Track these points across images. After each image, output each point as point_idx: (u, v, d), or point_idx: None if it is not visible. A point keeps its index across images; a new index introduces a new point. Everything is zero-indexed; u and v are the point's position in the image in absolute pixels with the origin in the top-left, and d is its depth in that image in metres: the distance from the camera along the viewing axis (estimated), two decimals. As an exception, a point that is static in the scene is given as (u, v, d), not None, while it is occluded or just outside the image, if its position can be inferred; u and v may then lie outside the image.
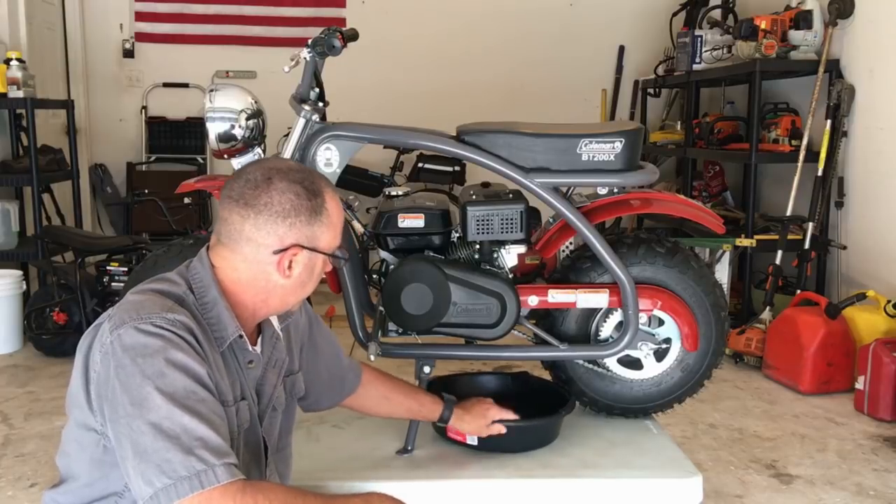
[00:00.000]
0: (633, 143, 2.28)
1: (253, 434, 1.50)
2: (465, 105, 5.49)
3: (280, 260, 1.42)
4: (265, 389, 1.53)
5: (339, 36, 2.31)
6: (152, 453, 1.22)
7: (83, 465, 1.40)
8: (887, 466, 3.01)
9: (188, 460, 1.21)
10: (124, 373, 1.26)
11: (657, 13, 6.22)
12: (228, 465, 1.24)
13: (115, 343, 1.29)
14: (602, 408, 2.47)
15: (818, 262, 4.54)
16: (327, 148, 2.31)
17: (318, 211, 1.43)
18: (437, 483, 2.08)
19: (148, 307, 1.32)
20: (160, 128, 6.20)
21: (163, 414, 1.23)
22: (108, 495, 1.38)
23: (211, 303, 1.41)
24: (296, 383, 1.67)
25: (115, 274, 4.19)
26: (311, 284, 1.49)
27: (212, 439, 1.24)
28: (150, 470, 1.22)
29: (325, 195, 1.45)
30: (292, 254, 1.42)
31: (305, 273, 1.46)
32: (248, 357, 1.47)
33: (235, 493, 1.23)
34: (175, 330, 1.30)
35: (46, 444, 3.13)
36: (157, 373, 1.25)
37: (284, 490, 1.30)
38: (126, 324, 1.30)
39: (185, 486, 1.20)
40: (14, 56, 4.55)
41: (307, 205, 1.42)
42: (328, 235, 1.45)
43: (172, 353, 1.27)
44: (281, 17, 6.20)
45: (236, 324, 1.42)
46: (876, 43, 4.25)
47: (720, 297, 2.42)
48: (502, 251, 2.41)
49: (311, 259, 1.45)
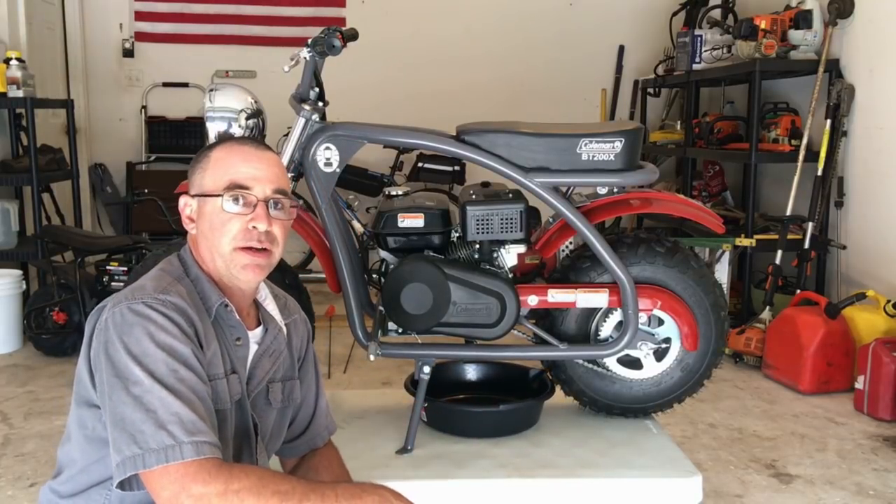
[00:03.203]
0: (633, 142, 2.28)
1: (242, 409, 1.51)
2: (465, 105, 5.49)
3: (182, 211, 1.53)
4: (256, 372, 1.55)
5: (338, 36, 2.31)
6: (129, 424, 1.27)
7: (81, 444, 1.43)
8: (887, 466, 3.01)
9: (159, 434, 1.26)
10: (112, 347, 1.33)
11: (657, 13, 6.22)
12: (197, 444, 1.26)
13: (109, 320, 1.36)
14: (602, 407, 2.47)
15: (818, 261, 4.54)
16: (327, 148, 2.31)
17: (199, 159, 1.52)
18: (437, 483, 2.08)
19: (144, 288, 1.40)
20: (160, 127, 6.20)
21: (144, 388, 1.28)
22: (103, 480, 1.40)
23: (195, 279, 1.49)
24: (294, 390, 1.67)
25: (115, 274, 4.19)
26: (217, 232, 1.46)
27: (186, 416, 1.28)
28: (122, 438, 1.27)
29: (216, 147, 1.52)
30: (184, 203, 1.52)
31: (202, 221, 1.49)
32: (236, 333, 1.50)
33: (210, 469, 1.25)
34: (164, 310, 1.36)
35: (46, 444, 3.13)
36: (141, 351, 1.31)
37: (261, 470, 1.30)
38: (121, 303, 1.37)
39: (152, 458, 1.25)
40: (14, 56, 4.54)
41: (195, 160, 1.53)
42: (209, 178, 1.49)
43: (157, 333, 1.33)
44: (281, 16, 6.20)
45: (218, 293, 1.48)
46: (876, 43, 4.25)
47: (720, 297, 2.42)
48: (502, 251, 2.41)
49: (199, 205, 1.50)
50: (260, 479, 1.26)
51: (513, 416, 2.39)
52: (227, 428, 1.44)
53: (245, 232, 1.46)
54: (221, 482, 1.24)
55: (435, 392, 2.39)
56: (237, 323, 1.50)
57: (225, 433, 1.42)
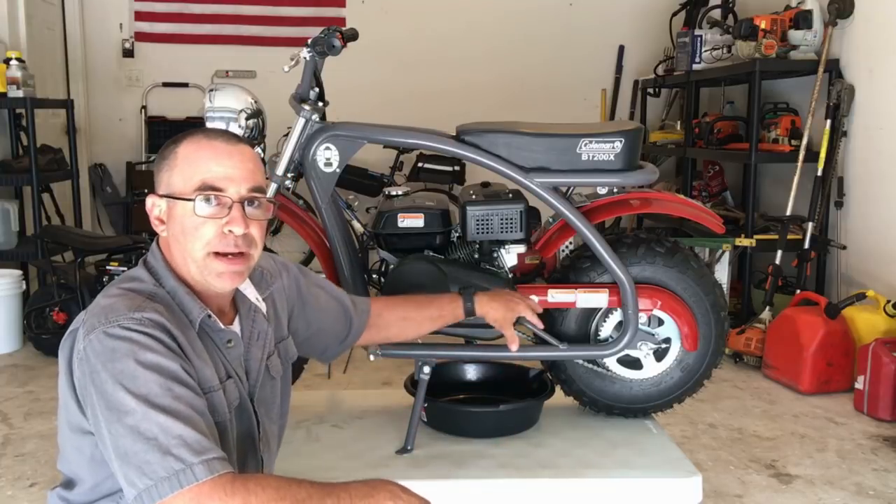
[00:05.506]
0: (633, 142, 2.28)
1: (244, 411, 1.49)
2: (465, 105, 5.49)
3: (150, 212, 1.44)
4: (251, 365, 1.52)
5: (338, 36, 2.31)
6: (132, 455, 1.23)
7: (85, 468, 1.40)
8: (887, 466, 3.01)
9: (166, 461, 1.21)
10: (98, 379, 1.27)
11: (657, 13, 6.22)
12: (208, 462, 1.23)
13: (88, 349, 1.29)
14: (602, 408, 2.47)
15: (818, 261, 4.54)
16: (327, 148, 2.31)
17: (165, 156, 1.43)
18: (437, 483, 2.07)
19: (116, 309, 1.32)
20: (160, 127, 6.19)
21: (139, 416, 1.23)
22: (115, 492, 1.38)
23: (172, 291, 1.41)
24: (288, 348, 1.66)
25: (115, 273, 4.19)
26: (189, 237, 1.38)
27: (189, 437, 1.24)
28: (131, 472, 1.23)
29: (183, 141, 1.42)
30: (152, 203, 1.44)
31: (173, 224, 1.41)
32: (225, 336, 1.46)
33: (225, 486, 1.22)
34: (143, 329, 1.29)
35: (46, 444, 3.13)
36: (129, 376, 1.25)
37: (276, 479, 1.28)
38: (96, 329, 1.30)
39: (166, 487, 1.21)
40: (14, 56, 4.55)
41: (161, 155, 1.44)
42: (177, 177, 1.40)
43: (142, 354, 1.27)
44: (281, 16, 6.20)
45: (200, 305, 1.41)
46: (875, 43, 4.25)
47: (720, 297, 2.42)
48: (502, 251, 2.41)
49: (169, 206, 1.41)
50: (277, 489, 1.24)
51: (513, 416, 2.38)
52: (229, 438, 1.42)
53: (220, 237, 1.38)
54: (239, 499, 1.22)
55: (435, 392, 2.39)
56: (222, 328, 1.46)
57: (227, 444, 1.40)
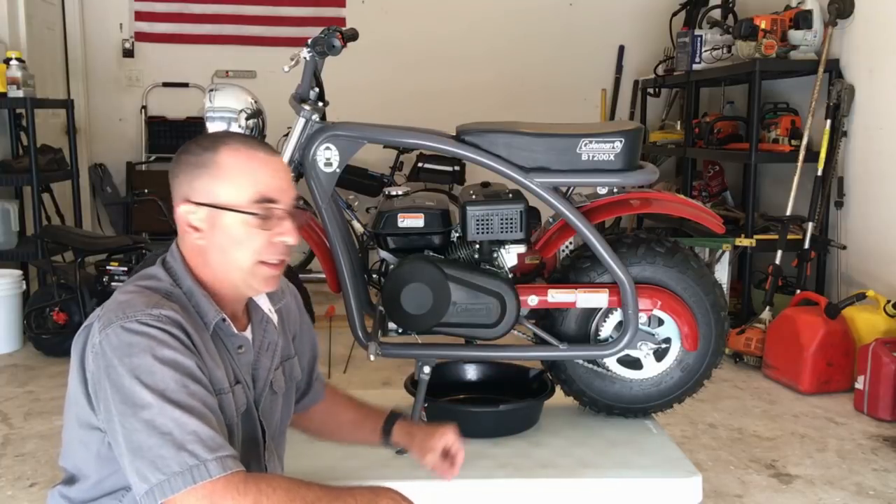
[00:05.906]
0: (633, 142, 2.28)
1: (249, 418, 1.50)
2: (465, 105, 5.49)
3: (181, 218, 1.41)
4: (259, 374, 1.53)
5: (338, 36, 2.31)
6: (146, 450, 1.23)
7: (91, 464, 1.40)
8: (887, 466, 3.01)
9: (180, 456, 1.22)
10: (115, 373, 1.27)
11: (657, 13, 6.22)
12: (221, 459, 1.24)
13: (104, 343, 1.30)
14: (602, 408, 2.47)
15: (818, 261, 4.54)
16: (327, 148, 2.31)
17: (201, 163, 1.39)
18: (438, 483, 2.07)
19: (134, 305, 1.32)
20: (160, 127, 6.20)
21: (155, 411, 1.24)
22: (118, 489, 1.38)
23: (188, 292, 1.41)
24: (294, 368, 1.67)
25: (115, 273, 4.19)
26: (239, 246, 1.39)
27: (204, 433, 1.25)
28: (144, 466, 1.23)
29: (221, 149, 1.39)
30: (188, 211, 1.39)
31: (217, 233, 1.39)
32: (237, 342, 1.47)
33: (238, 485, 1.23)
34: (161, 326, 1.30)
35: (46, 444, 3.13)
36: (146, 370, 1.26)
37: (287, 480, 1.30)
38: (113, 323, 1.30)
39: (179, 482, 1.22)
40: (14, 56, 4.54)
41: (190, 161, 1.40)
42: (225, 187, 1.38)
43: (159, 350, 1.28)
44: (281, 16, 6.20)
45: (216, 308, 1.42)
46: (875, 43, 4.25)
47: (720, 297, 2.42)
48: (502, 251, 2.41)
49: (212, 215, 1.38)
50: (287, 491, 1.26)
51: (513, 416, 2.39)
52: (235, 442, 1.42)
53: (269, 245, 1.40)
54: (251, 498, 1.23)
55: (435, 392, 2.39)
56: (236, 333, 1.47)
57: (233, 447, 1.39)
